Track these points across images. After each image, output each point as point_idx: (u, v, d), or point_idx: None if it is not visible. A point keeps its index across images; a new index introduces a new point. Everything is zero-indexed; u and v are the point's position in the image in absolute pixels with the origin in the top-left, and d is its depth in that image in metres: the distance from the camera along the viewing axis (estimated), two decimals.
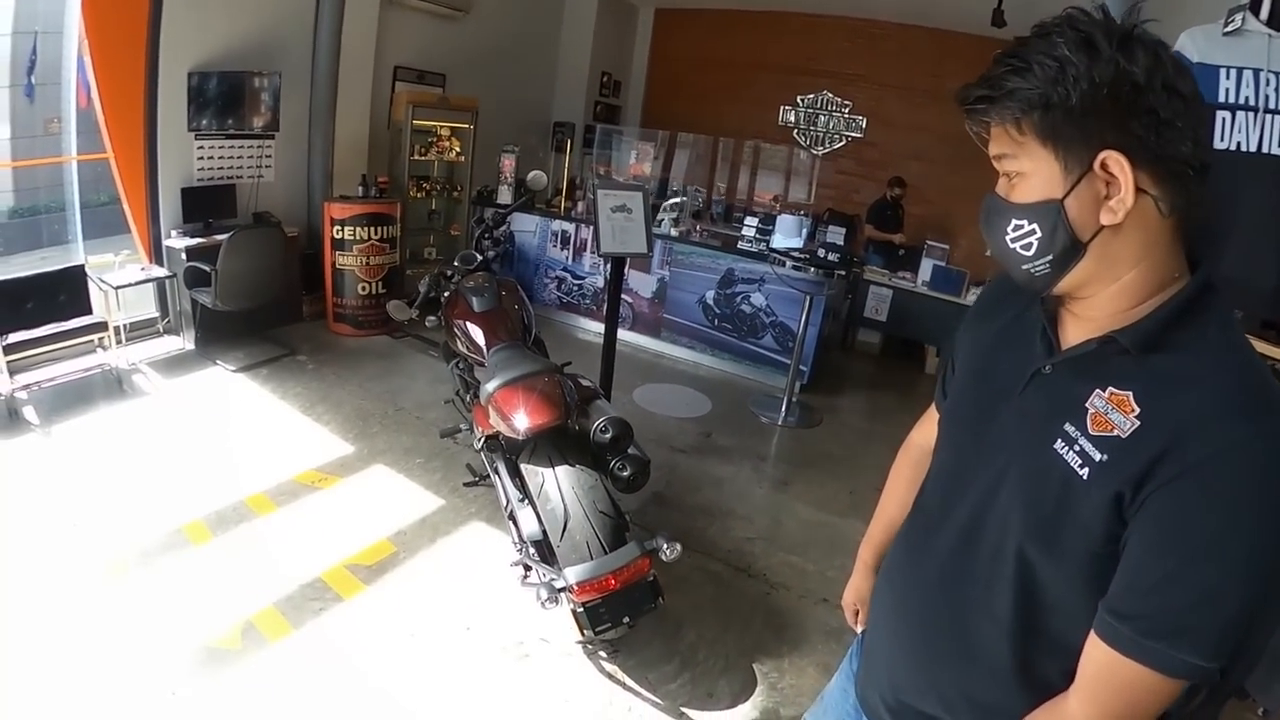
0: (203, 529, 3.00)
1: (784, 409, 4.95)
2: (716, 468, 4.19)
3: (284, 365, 4.46)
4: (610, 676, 2.58)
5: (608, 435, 2.56)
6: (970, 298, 6.01)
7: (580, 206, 6.18)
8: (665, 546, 2.33)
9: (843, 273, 4.91)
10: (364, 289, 5.12)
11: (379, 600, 2.76)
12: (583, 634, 2.37)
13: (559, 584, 2.23)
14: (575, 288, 6.07)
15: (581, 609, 2.29)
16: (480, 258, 3.54)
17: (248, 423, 3.82)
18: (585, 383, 2.88)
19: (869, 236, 6.92)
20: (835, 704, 1.36)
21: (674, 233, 5.69)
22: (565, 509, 2.40)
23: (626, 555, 2.28)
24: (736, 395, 5.27)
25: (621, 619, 2.33)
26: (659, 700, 2.53)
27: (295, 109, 5.24)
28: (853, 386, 5.77)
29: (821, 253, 4.84)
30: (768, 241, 5.38)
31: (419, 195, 6.09)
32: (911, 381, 6.18)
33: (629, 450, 2.60)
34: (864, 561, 1.47)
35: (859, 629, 1.42)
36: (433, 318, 3.40)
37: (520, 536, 2.62)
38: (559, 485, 2.45)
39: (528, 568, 2.58)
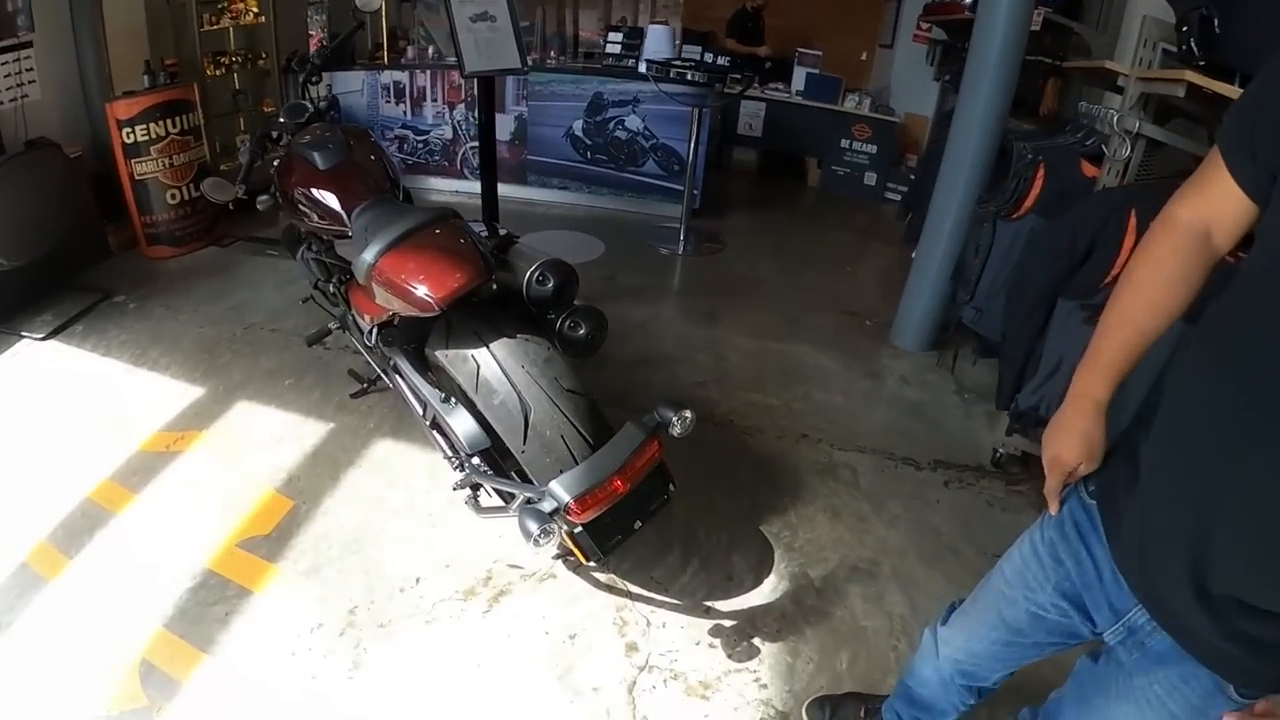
0: (53, 554, 2.00)
1: (682, 238, 4.30)
2: (634, 311, 3.55)
3: (102, 314, 3.23)
4: (610, 589, 1.99)
5: (548, 285, 1.80)
6: (849, 104, 5.46)
7: (410, 52, 4.91)
8: (675, 418, 1.64)
9: (738, 77, 4.12)
10: (174, 197, 3.81)
11: (297, 578, 1.96)
12: (586, 561, 1.70)
13: (546, 506, 1.52)
14: (420, 145, 4.91)
15: (581, 530, 1.60)
16: (311, 108, 2.51)
17: (74, 398, 2.67)
18: (489, 229, 2.05)
19: (731, 50, 6.07)
20: (1034, 578, 1.06)
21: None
22: (520, 399, 1.67)
23: (628, 442, 1.58)
24: (627, 231, 4.54)
25: (632, 526, 1.67)
26: (676, 600, 1.99)
27: (50, 5, 3.63)
28: (741, 207, 5.17)
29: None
30: (637, 57, 4.44)
31: (218, 72, 4.59)
32: (796, 196, 5.67)
33: (575, 301, 1.85)
34: (1092, 397, 0.96)
35: (1085, 492, 1.00)
36: (265, 197, 2.42)
37: (455, 448, 1.85)
38: (502, 368, 1.70)
39: (476, 487, 1.83)
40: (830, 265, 4.39)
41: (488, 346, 1.71)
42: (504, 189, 4.77)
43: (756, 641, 1.89)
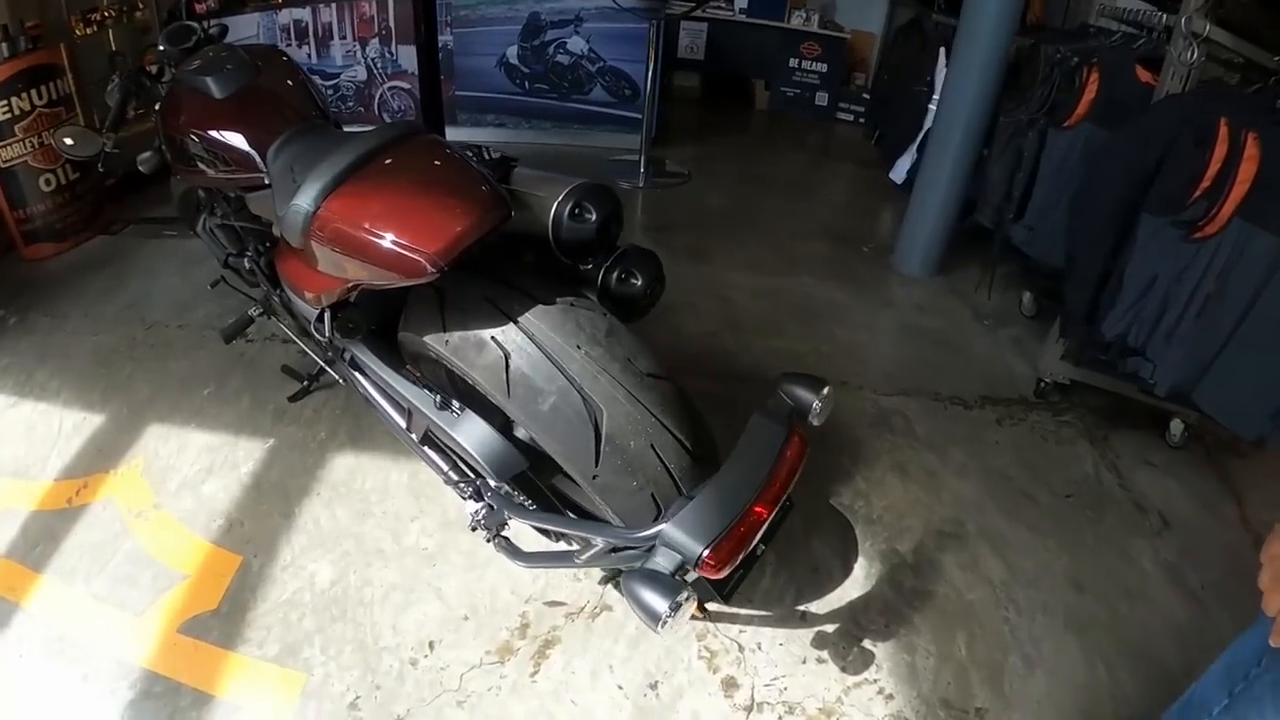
0: None
1: (643, 170, 3.72)
2: None
3: None
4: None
5: (589, 220, 1.17)
6: (795, 21, 4.89)
7: None
8: (816, 400, 1.12)
9: None
10: (49, 183, 2.93)
11: (267, 667, 1.38)
12: (702, 613, 1.19)
13: (664, 562, 0.97)
14: (330, 92, 4.05)
15: (712, 581, 1.08)
16: (199, 32, 1.81)
17: None
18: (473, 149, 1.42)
19: None
20: None
21: None
22: (584, 399, 1.11)
23: (766, 446, 1.04)
24: (579, 168, 3.76)
25: (755, 552, 1.13)
26: (765, 611, 1.54)
27: None
28: (693, 135, 4.57)
29: None
30: None
31: (89, 31, 3.56)
32: (747, 120, 5.10)
33: (620, 243, 1.26)
34: None
35: None
36: (148, 153, 1.75)
37: (464, 471, 1.29)
38: (548, 355, 1.12)
39: (494, 526, 1.29)
40: (805, 190, 3.91)
41: (516, 323, 1.13)
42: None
43: (867, 644, 1.50)
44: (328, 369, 1.65)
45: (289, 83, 1.68)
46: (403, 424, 1.37)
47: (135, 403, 2.00)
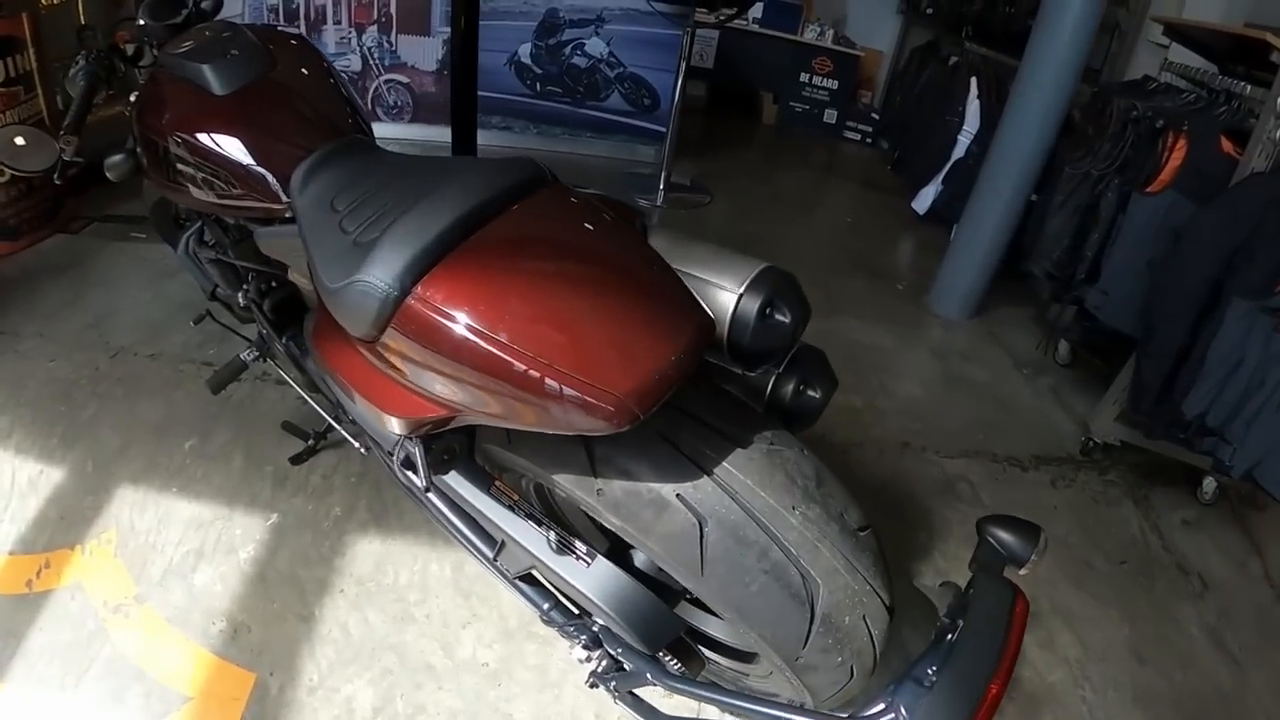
0: None
1: (662, 188, 3.48)
2: None
3: None
4: None
5: (785, 323, 0.86)
6: (809, 35, 4.70)
7: None
8: (1034, 551, 0.89)
9: None
10: (0, 174, 2.49)
11: None
12: None
13: None
14: None
15: None
16: (190, 4, 1.42)
17: None
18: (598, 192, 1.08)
19: None
20: None
21: None
22: (803, 574, 0.86)
23: (996, 614, 0.81)
24: (591, 179, 3.51)
25: None
26: None
27: None
28: (702, 147, 4.34)
29: None
30: None
31: (55, 1, 3.07)
32: (754, 133, 4.90)
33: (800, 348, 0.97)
34: None
35: None
36: (118, 156, 1.34)
37: (573, 616, 1.04)
38: (759, 521, 0.86)
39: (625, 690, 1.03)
40: (828, 215, 3.73)
41: (711, 475, 0.85)
42: (429, 132, 3.72)
43: None
44: (343, 432, 1.36)
45: (317, 80, 1.29)
46: (488, 552, 1.06)
47: (103, 454, 1.65)
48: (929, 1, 4.25)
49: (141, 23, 1.37)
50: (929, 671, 0.78)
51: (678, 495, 0.84)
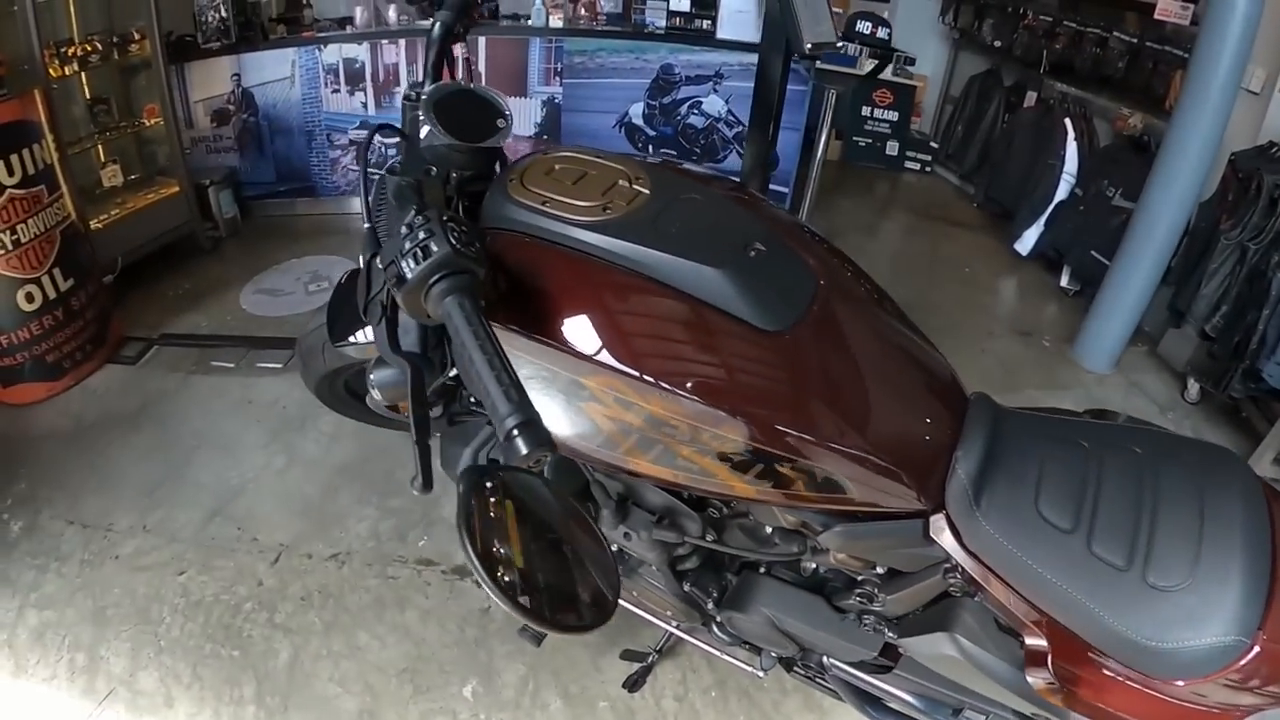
0: None
1: None
2: None
3: None
4: None
5: None
6: (868, 66, 4.66)
7: (363, 12, 3.29)
8: None
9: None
10: (32, 299, 2.08)
11: None
12: None
13: None
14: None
15: None
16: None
17: None
18: None
19: None
20: None
21: (556, 21, 3.29)
22: None
23: None
24: None
25: None
26: None
27: None
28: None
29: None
30: (713, 17, 3.28)
31: (66, 73, 2.66)
32: (827, 173, 4.87)
33: None
34: None
35: None
36: (389, 372, 0.90)
37: None
38: None
39: None
40: (943, 266, 3.72)
41: None
42: None
43: None
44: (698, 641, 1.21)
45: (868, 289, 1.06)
46: None
47: None
48: (995, 34, 4.27)
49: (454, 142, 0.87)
50: None
51: None
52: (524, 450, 0.59)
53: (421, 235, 0.68)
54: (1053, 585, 0.80)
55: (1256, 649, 0.73)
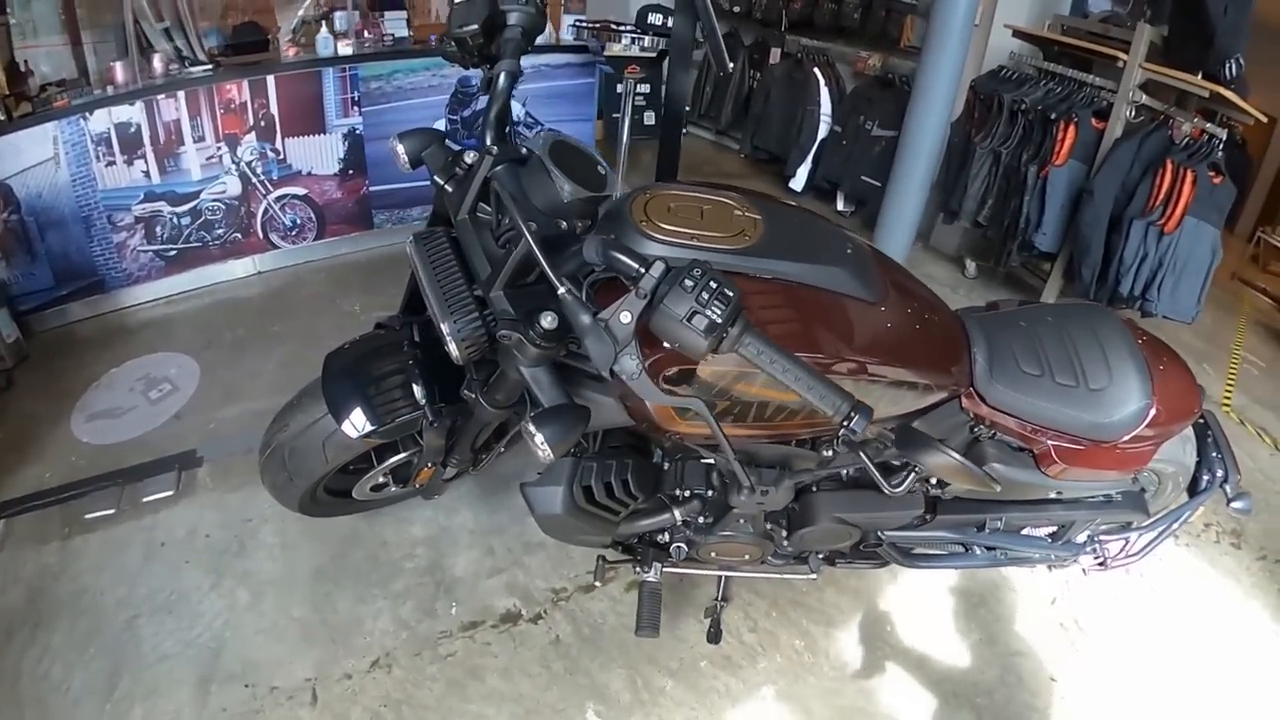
0: None
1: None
2: None
3: None
4: None
5: None
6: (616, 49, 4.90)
7: (120, 71, 2.74)
8: None
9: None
10: None
11: None
12: None
13: None
14: (184, 222, 2.97)
15: None
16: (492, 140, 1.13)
17: None
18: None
19: None
20: None
21: (346, 49, 3.06)
22: None
23: None
24: None
25: None
26: None
27: None
28: None
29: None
30: None
31: None
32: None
33: None
34: None
35: None
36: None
37: None
38: None
39: None
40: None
41: None
42: (339, 247, 3.36)
43: None
44: None
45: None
46: None
47: None
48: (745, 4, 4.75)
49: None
50: None
51: None
52: (859, 430, 0.81)
53: (713, 285, 0.79)
54: (1044, 407, 1.31)
55: (1155, 407, 1.31)
